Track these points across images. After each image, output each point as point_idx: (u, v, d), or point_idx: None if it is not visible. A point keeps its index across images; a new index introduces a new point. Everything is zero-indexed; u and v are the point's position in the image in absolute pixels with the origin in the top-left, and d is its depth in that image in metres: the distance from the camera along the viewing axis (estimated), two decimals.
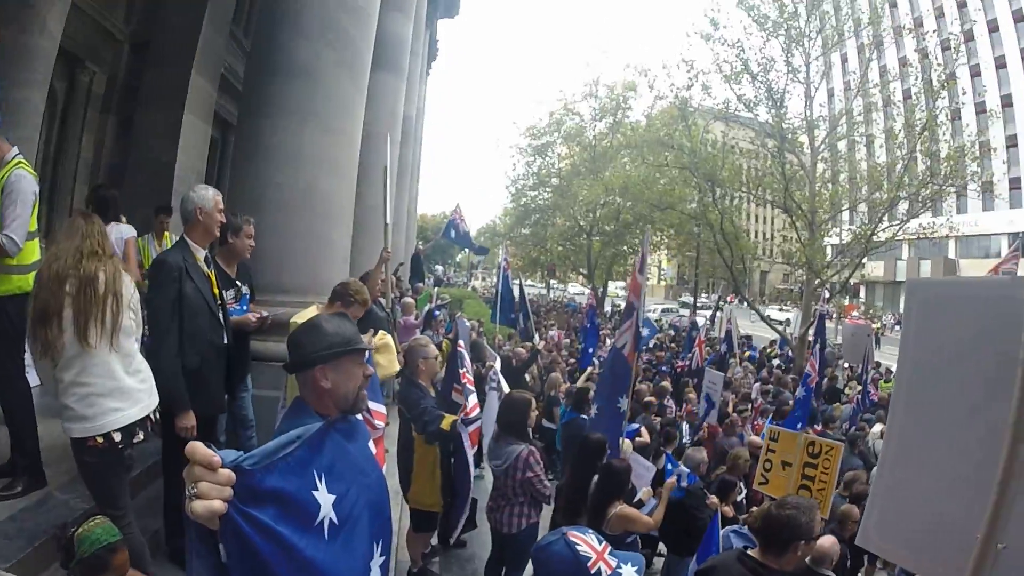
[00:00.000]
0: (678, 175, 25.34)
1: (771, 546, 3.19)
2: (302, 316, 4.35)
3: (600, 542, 2.63)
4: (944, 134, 22.94)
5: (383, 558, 2.08)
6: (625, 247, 34.73)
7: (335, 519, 1.91)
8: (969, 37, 45.40)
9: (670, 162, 25.14)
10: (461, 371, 5.83)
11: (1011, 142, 47.16)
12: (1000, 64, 49.59)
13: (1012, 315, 1.54)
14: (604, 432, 5.81)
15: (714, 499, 5.98)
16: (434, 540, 6.09)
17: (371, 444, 2.38)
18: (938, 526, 1.72)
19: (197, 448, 1.43)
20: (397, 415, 5.92)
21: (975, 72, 48.03)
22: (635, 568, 2.61)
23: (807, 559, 4.21)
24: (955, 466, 1.68)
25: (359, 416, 2.33)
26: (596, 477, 5.00)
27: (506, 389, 6.78)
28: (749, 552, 3.31)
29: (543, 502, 5.24)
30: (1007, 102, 47.85)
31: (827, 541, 4.42)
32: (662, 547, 6.79)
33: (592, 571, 2.50)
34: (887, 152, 23.08)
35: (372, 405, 2.71)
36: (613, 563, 2.56)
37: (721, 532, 5.10)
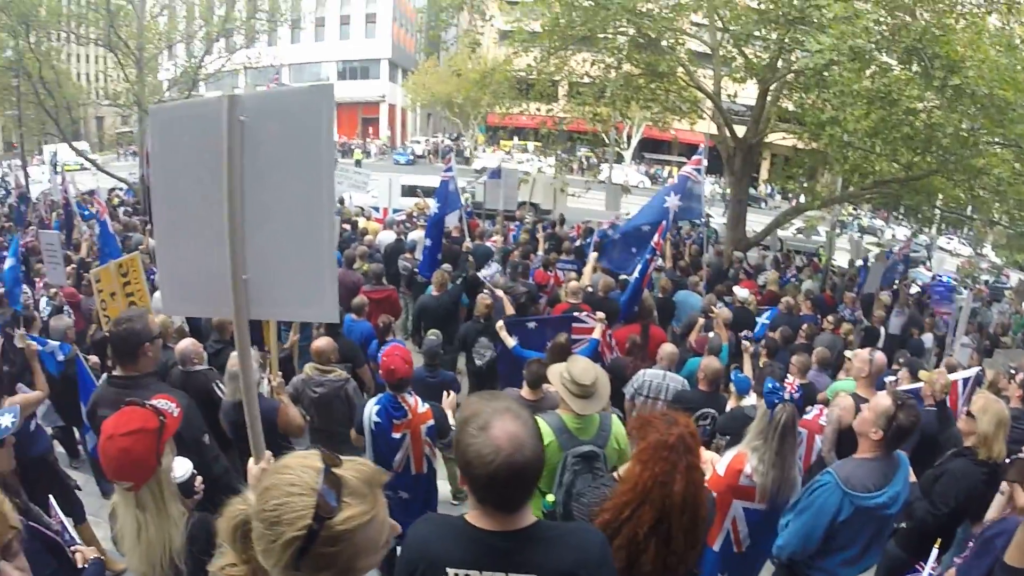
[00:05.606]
0: None
1: (125, 359, 3.66)
2: None
3: None
4: None
5: None
6: None
7: None
8: None
9: None
10: None
11: None
12: None
13: (216, 123, 2.17)
14: None
15: (95, 358, 6.18)
16: None
17: None
18: (206, 278, 2.35)
19: None
20: None
21: None
22: (11, 415, 2.92)
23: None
24: (205, 234, 2.30)
25: None
26: None
27: None
28: (114, 373, 3.76)
29: None
30: None
31: (188, 343, 5.13)
32: None
33: None
34: None
35: None
36: None
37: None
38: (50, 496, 3.47)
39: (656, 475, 2.58)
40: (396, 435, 4.62)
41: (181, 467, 2.83)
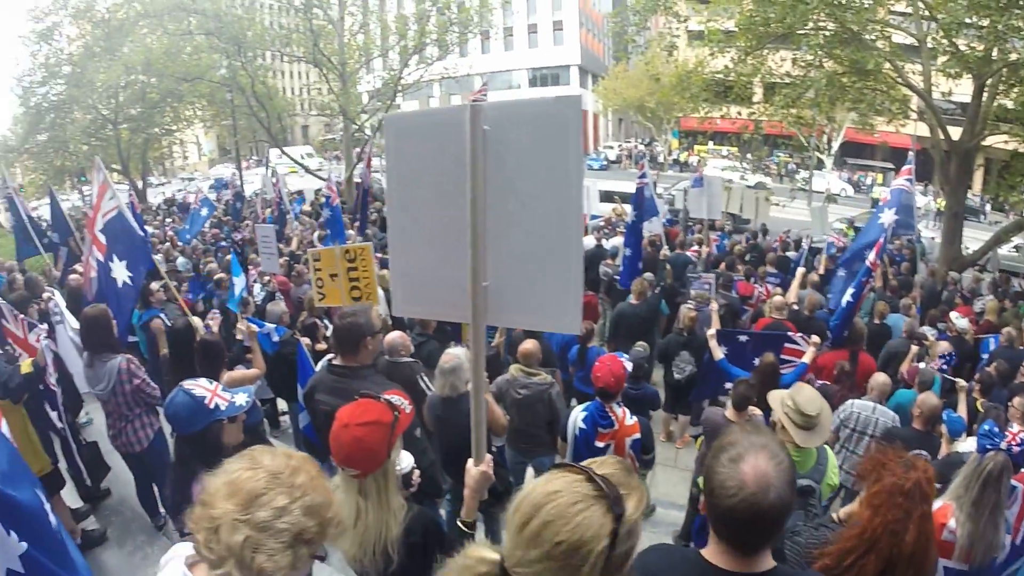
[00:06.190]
0: (203, 42, 23.98)
1: (346, 350, 3.86)
2: None
3: (212, 383, 3.10)
4: None
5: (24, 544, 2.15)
6: (156, 129, 32.23)
7: None
8: None
9: (193, 28, 23.72)
10: (3, 325, 5.77)
11: None
12: None
13: (457, 132, 2.21)
14: None
15: (306, 340, 6.61)
16: (77, 502, 5.89)
17: None
18: (442, 282, 2.41)
19: None
20: None
21: None
22: (246, 394, 3.15)
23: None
24: (442, 239, 2.36)
25: None
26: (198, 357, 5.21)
27: (70, 318, 6.53)
28: (334, 362, 3.99)
29: (158, 406, 5.36)
30: None
31: (397, 335, 5.36)
32: None
33: (211, 406, 2.97)
34: (415, 3, 24.66)
35: None
36: (227, 396, 3.06)
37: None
38: None
39: (888, 522, 2.39)
40: (600, 444, 4.61)
41: (404, 460, 2.94)
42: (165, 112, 31.02)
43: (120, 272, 6.35)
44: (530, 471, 6.00)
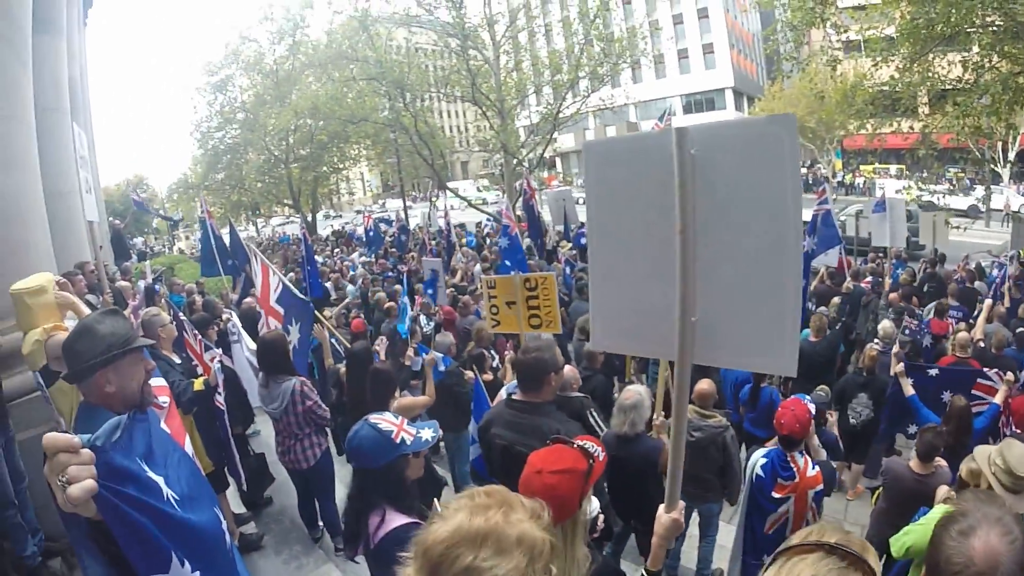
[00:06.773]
0: (366, 86, 25.39)
1: (529, 385, 3.77)
2: (26, 344, 4.16)
3: (397, 417, 3.08)
4: (615, 18, 25.50)
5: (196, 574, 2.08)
6: (325, 167, 34.65)
7: (175, 495, 2.09)
8: None
9: (356, 75, 25.23)
10: (185, 337, 5.97)
11: (677, 20, 57.23)
12: None
13: (663, 157, 2.08)
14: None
15: (470, 373, 6.64)
16: (240, 508, 6.22)
17: (163, 425, 2.45)
18: (646, 316, 2.28)
19: (56, 437, 1.50)
20: None
21: None
22: (431, 429, 3.11)
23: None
24: (646, 271, 2.24)
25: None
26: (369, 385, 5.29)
27: (247, 337, 6.88)
28: (513, 397, 3.91)
29: (327, 427, 5.56)
30: None
31: (567, 369, 5.17)
32: None
33: (397, 441, 2.94)
34: (565, 39, 25.05)
35: (153, 382, 2.80)
36: (412, 431, 3.02)
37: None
38: (435, 500, 3.68)
39: None
40: (777, 495, 4.28)
41: (592, 504, 2.80)
42: (332, 152, 33.54)
43: (293, 336, 6.60)
44: (696, 516, 5.73)
